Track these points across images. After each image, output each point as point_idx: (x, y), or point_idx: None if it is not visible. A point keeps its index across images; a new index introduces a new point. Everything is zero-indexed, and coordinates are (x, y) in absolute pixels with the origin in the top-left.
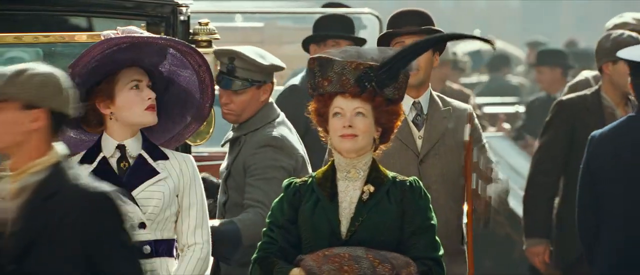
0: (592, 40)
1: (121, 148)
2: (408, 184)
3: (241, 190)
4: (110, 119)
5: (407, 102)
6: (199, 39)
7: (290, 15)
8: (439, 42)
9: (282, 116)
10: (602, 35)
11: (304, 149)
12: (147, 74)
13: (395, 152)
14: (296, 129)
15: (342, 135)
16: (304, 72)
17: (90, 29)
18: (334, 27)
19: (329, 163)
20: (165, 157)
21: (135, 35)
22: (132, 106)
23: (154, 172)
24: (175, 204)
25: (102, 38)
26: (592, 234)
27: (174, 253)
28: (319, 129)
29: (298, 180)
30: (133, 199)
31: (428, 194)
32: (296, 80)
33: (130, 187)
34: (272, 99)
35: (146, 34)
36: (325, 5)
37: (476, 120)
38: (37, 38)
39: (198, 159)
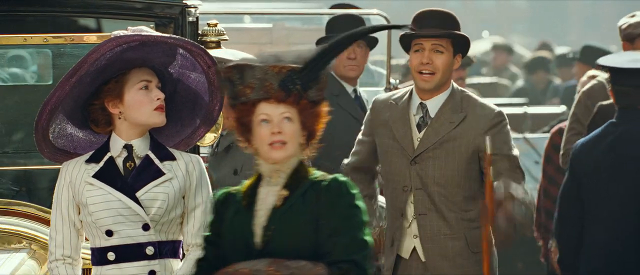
0: (601, 41)
1: (128, 148)
2: (325, 183)
3: None
4: (119, 118)
5: (415, 103)
6: (208, 40)
7: (298, 16)
8: (352, 39)
9: None
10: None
11: None
12: (156, 75)
13: (391, 151)
14: None
15: (271, 144)
16: None
17: (99, 30)
18: (344, 28)
19: None
20: (173, 158)
21: (145, 33)
22: (141, 106)
23: (160, 173)
24: (180, 206)
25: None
26: (574, 242)
27: (180, 254)
28: (240, 138)
29: (232, 189)
30: (137, 200)
31: (353, 191)
32: None
33: (135, 187)
34: None
35: (156, 33)
36: (334, 6)
37: (504, 127)
38: (47, 39)
39: (206, 160)
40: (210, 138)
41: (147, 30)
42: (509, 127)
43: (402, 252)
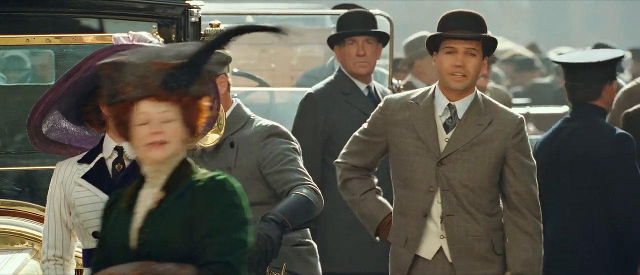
0: (603, 41)
1: (119, 150)
2: (201, 184)
3: (249, 191)
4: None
5: (441, 104)
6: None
7: (300, 17)
8: (229, 36)
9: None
10: None
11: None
12: None
13: (414, 151)
14: (318, 137)
15: (150, 144)
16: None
17: (101, 30)
18: (356, 25)
19: None
20: None
21: (143, 44)
22: None
23: None
24: None
25: (113, 41)
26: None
27: None
28: (119, 137)
29: (122, 190)
30: None
31: (236, 190)
32: (312, 88)
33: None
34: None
35: (156, 42)
36: (337, 7)
37: (525, 135)
38: (49, 40)
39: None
40: (213, 139)
41: (147, 37)
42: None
43: (423, 253)
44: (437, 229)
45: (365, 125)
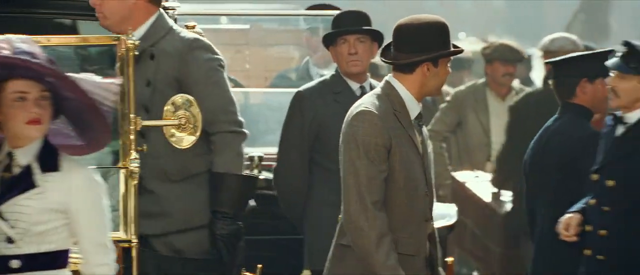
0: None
1: (10, 156)
2: None
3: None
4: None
5: (414, 110)
6: None
7: (275, 18)
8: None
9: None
10: None
11: None
12: (39, 83)
13: (412, 158)
14: (305, 135)
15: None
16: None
17: (76, 31)
18: (345, 24)
19: None
20: (57, 169)
21: (3, 55)
22: (14, 118)
23: (31, 186)
24: (57, 219)
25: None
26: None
27: (66, 263)
28: None
29: None
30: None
31: None
32: (302, 87)
33: (2, 199)
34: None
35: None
36: (312, 7)
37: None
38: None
39: None
40: (189, 140)
41: (12, 39)
42: None
43: (421, 254)
44: (427, 232)
45: (370, 153)
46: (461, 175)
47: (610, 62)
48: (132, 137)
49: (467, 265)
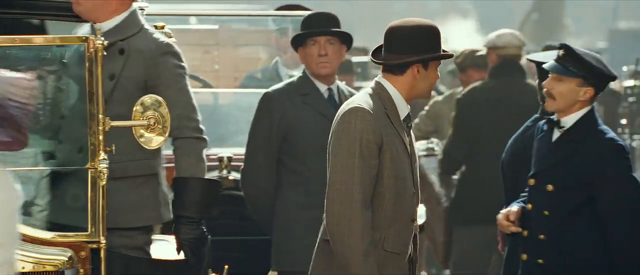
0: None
1: None
2: None
3: (131, 102)
4: None
5: (403, 110)
6: None
7: (245, 18)
8: None
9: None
10: None
11: None
12: None
13: (401, 158)
14: (273, 137)
15: None
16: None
17: (44, 31)
18: (315, 26)
19: None
20: None
21: None
22: None
23: None
24: None
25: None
26: None
27: None
28: None
29: None
30: None
31: None
32: (271, 88)
33: None
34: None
35: None
36: (281, 8)
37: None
38: None
39: None
40: (157, 141)
41: None
42: None
43: (406, 253)
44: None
45: (358, 149)
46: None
47: (547, 64)
48: (100, 137)
49: (436, 265)
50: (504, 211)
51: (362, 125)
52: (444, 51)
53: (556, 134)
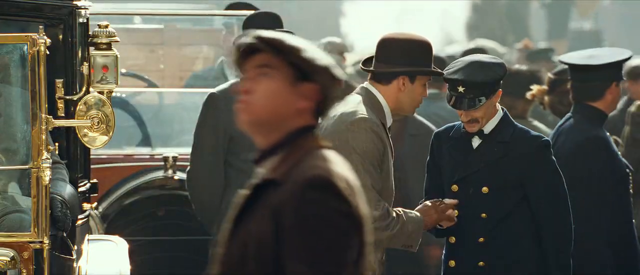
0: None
1: None
2: None
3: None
4: None
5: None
6: (99, 41)
7: (190, 18)
8: None
9: None
10: None
11: None
12: None
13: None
14: (219, 137)
15: None
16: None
17: None
18: (256, 25)
19: None
20: None
21: None
22: None
23: None
24: None
25: None
26: None
27: None
28: None
29: None
30: None
31: None
32: (215, 89)
33: None
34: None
35: None
36: (230, 7)
37: None
38: None
39: (97, 161)
40: (102, 140)
41: None
42: None
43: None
44: None
45: (369, 159)
46: None
47: (457, 106)
48: (43, 137)
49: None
50: (430, 203)
51: (367, 136)
52: (434, 68)
53: (476, 141)
